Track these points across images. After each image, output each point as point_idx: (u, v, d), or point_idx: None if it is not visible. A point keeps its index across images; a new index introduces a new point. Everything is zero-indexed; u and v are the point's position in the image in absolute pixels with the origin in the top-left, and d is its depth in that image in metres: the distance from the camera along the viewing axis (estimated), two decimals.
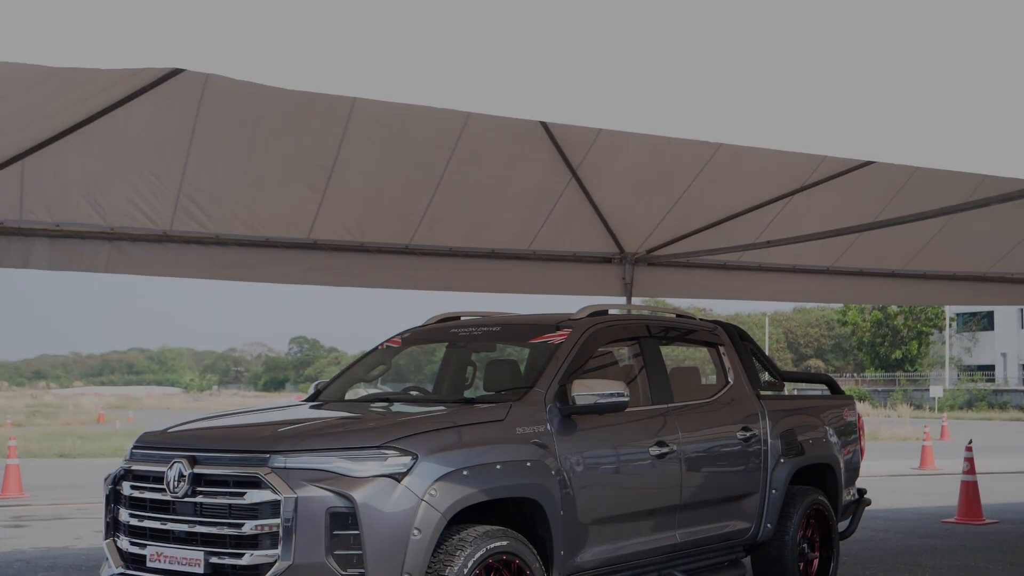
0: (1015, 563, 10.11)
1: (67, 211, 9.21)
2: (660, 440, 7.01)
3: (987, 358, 72.20)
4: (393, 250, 10.76)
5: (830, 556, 8.37)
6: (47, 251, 9.39)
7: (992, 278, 13.93)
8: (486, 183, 10.30)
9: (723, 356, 8.14)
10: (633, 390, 7.08)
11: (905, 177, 11.07)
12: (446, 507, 5.56)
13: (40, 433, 32.73)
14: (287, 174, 9.53)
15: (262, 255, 10.23)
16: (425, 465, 5.57)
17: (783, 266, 12.82)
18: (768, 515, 7.86)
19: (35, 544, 11.58)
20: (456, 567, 5.51)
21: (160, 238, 9.72)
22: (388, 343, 7.90)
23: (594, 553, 6.46)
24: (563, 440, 6.33)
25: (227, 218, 9.76)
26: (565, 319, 7.23)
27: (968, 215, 11.55)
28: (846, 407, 9.00)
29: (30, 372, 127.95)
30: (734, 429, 7.74)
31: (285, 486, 5.36)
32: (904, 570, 9.71)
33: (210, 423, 6.51)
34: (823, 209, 11.58)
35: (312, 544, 5.31)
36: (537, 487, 6.05)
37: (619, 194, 10.99)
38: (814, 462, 8.36)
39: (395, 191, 10.07)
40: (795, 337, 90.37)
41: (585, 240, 11.55)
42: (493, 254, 11.31)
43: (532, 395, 6.42)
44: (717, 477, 7.53)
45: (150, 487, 5.86)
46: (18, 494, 16.49)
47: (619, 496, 6.69)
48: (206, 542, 5.56)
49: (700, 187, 10.86)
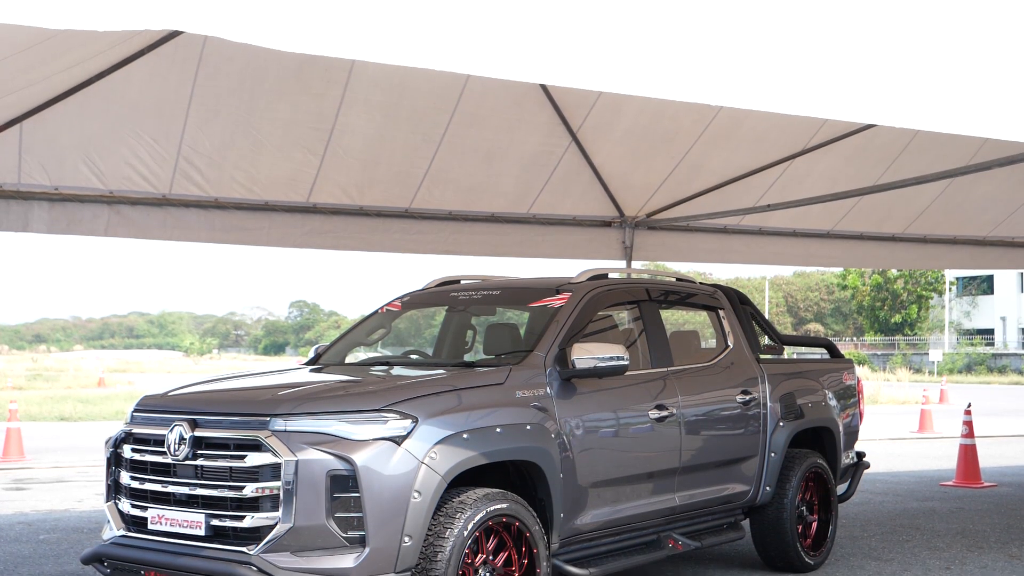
0: (1013, 526, 10.16)
1: (65, 175, 9.19)
2: (659, 404, 7.03)
3: (987, 322, 72.28)
4: (392, 214, 10.75)
5: (828, 519, 8.41)
6: (46, 215, 9.38)
7: (992, 242, 13.93)
8: (485, 146, 10.27)
9: (723, 320, 8.15)
10: (633, 354, 7.10)
11: (906, 140, 11.04)
12: (446, 470, 5.57)
13: (41, 397, 32.81)
14: (286, 137, 9.51)
15: (261, 219, 10.22)
16: (425, 428, 5.58)
17: (783, 230, 12.81)
18: (767, 478, 7.89)
19: (36, 507, 11.63)
20: (456, 529, 5.53)
21: (159, 202, 9.71)
22: (388, 307, 7.90)
23: (593, 516, 6.50)
24: (563, 403, 6.34)
25: (226, 182, 9.74)
26: (565, 283, 7.23)
27: (969, 179, 11.54)
28: (845, 371, 9.02)
29: (30, 336, 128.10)
30: (733, 393, 7.75)
31: (285, 449, 5.38)
32: (902, 533, 9.76)
33: (210, 386, 6.52)
34: (823, 173, 11.56)
35: (313, 507, 5.33)
36: (537, 450, 6.07)
37: (619, 157, 10.96)
38: (813, 425, 8.38)
39: (394, 154, 10.05)
40: (795, 301, 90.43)
41: (585, 204, 11.54)
42: (493, 218, 11.30)
43: (532, 359, 6.43)
44: (716, 440, 7.55)
45: (151, 450, 5.88)
46: (19, 457, 16.54)
47: (618, 459, 6.71)
48: (207, 504, 5.59)
49: (700, 150, 10.84)
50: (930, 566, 8.29)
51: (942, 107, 5.10)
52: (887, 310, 69.63)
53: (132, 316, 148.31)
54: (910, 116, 5.06)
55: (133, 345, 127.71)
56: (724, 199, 11.65)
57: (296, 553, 5.33)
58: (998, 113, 5.17)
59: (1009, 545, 9.17)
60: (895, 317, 69.13)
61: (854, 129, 10.68)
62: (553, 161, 10.74)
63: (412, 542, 5.43)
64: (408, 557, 5.42)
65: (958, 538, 9.50)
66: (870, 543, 9.25)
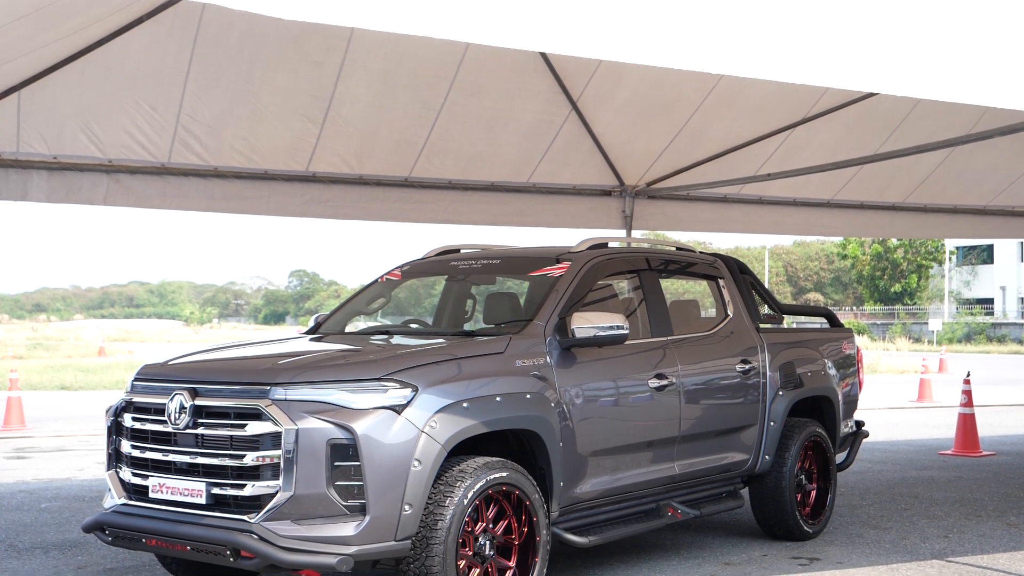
0: (1011, 494, 10.20)
1: (64, 143, 9.17)
2: (659, 373, 7.04)
3: (986, 291, 72.30)
4: (392, 183, 10.73)
5: (827, 487, 8.44)
6: (45, 183, 9.36)
7: (992, 211, 13.91)
8: (485, 115, 10.24)
9: (723, 289, 8.15)
10: (632, 323, 7.10)
11: (907, 109, 11.01)
12: (446, 439, 5.59)
13: (41, 366, 32.87)
14: (285, 106, 9.48)
15: (261, 188, 10.20)
16: (425, 397, 5.59)
17: (783, 199, 12.79)
18: (766, 447, 7.91)
19: (38, 475, 11.67)
20: (456, 498, 5.55)
21: (158, 170, 9.68)
22: (388, 276, 7.90)
23: (593, 484, 6.52)
24: (563, 372, 6.35)
25: (225, 150, 9.72)
26: (565, 252, 7.22)
27: (970, 147, 11.51)
28: (845, 340, 9.03)
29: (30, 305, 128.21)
30: (733, 362, 7.76)
31: (286, 418, 5.39)
32: (900, 501, 9.80)
33: (210, 355, 6.53)
34: (824, 142, 11.53)
35: (313, 475, 5.35)
36: (537, 419, 6.08)
37: (619, 126, 10.93)
38: (812, 394, 8.40)
39: (394, 123, 10.02)
40: (795, 270, 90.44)
41: (585, 173, 11.51)
42: (492, 187, 11.27)
43: (532, 328, 6.43)
44: (716, 409, 7.57)
45: (151, 419, 5.89)
46: (20, 426, 16.59)
47: (618, 428, 6.73)
48: (208, 473, 5.60)
49: (701, 119, 10.80)
50: (928, 534, 8.32)
51: (943, 76, 5.08)
52: (887, 279, 69.64)
53: (132, 285, 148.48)
54: (911, 85, 5.04)
55: (133, 314, 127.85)
56: (724, 168, 11.63)
57: (297, 521, 5.35)
58: (999, 82, 5.15)
59: (1007, 513, 9.21)
60: (895, 286, 69.15)
61: (855, 98, 10.65)
62: (553, 130, 10.71)
63: (412, 510, 5.44)
64: (408, 525, 5.44)
65: (956, 507, 9.54)
66: (869, 512, 9.28)
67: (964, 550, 7.78)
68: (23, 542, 8.11)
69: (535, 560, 5.96)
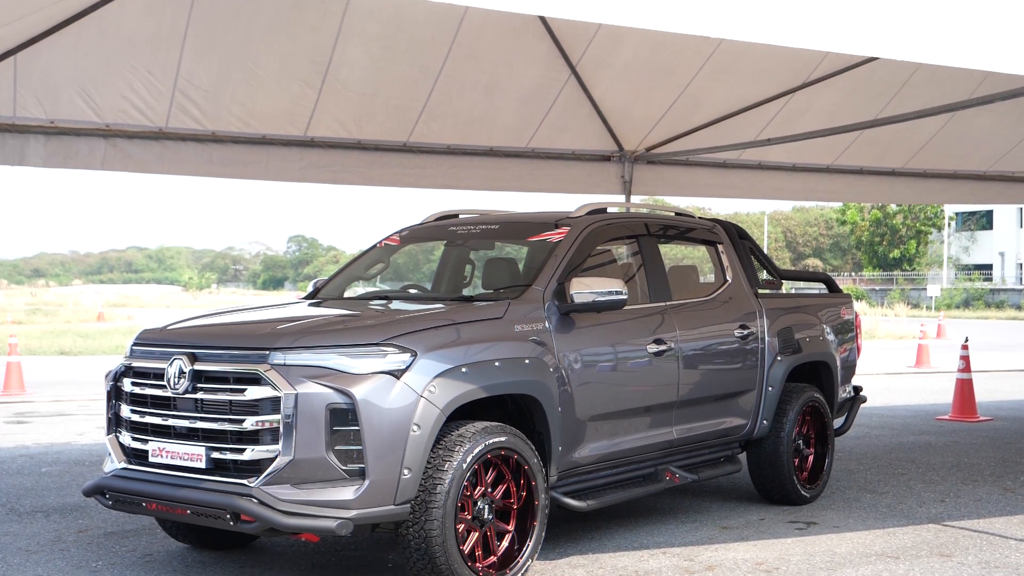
0: (1007, 459, 10.24)
1: (61, 108, 9.14)
2: (658, 338, 7.04)
3: (985, 257, 72.33)
4: (390, 148, 10.70)
5: (825, 452, 8.47)
6: (42, 148, 9.33)
7: (992, 176, 13.89)
8: (484, 79, 10.20)
9: (721, 254, 8.15)
10: (631, 288, 7.10)
11: (907, 74, 10.97)
12: (445, 403, 5.60)
13: (40, 331, 32.90)
14: (283, 70, 9.44)
15: (258, 152, 10.17)
16: (424, 362, 5.60)
17: (783, 164, 12.77)
18: (764, 412, 7.93)
19: (38, 440, 11.70)
20: (455, 462, 5.57)
21: (156, 135, 9.65)
22: (386, 241, 7.89)
23: (591, 449, 6.54)
24: (561, 338, 6.36)
25: (223, 115, 9.69)
26: (563, 217, 7.21)
27: (970, 113, 11.48)
28: (843, 305, 9.03)
29: (29, 270, 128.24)
30: (732, 327, 7.77)
31: (285, 383, 5.40)
32: (897, 466, 9.84)
33: (209, 320, 6.53)
34: (824, 107, 11.49)
35: (312, 440, 5.36)
36: (535, 384, 6.09)
37: (618, 91, 10.89)
38: (811, 360, 8.41)
39: (392, 87, 9.98)
40: (794, 236, 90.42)
41: (584, 138, 11.48)
42: (491, 152, 11.25)
43: (530, 293, 6.43)
44: (714, 374, 7.58)
45: (151, 384, 5.90)
46: (20, 391, 16.62)
47: (616, 393, 6.74)
48: (207, 437, 5.62)
49: (700, 84, 10.76)
50: (924, 499, 8.36)
51: (944, 40, 5.05)
52: (886, 245, 69.63)
53: (130, 251, 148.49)
54: (911, 49, 5.02)
55: (132, 280, 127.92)
56: (724, 133, 11.59)
57: (296, 485, 5.36)
58: (1000, 46, 5.13)
59: (1004, 478, 9.25)
60: (894, 252, 69.16)
61: (855, 63, 10.60)
62: (552, 94, 10.67)
63: (411, 474, 5.46)
64: (407, 489, 5.46)
65: (953, 471, 9.57)
66: (866, 476, 9.32)
67: (960, 514, 7.81)
68: (24, 506, 8.14)
69: (533, 524, 5.98)
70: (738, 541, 7.04)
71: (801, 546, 6.89)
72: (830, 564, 6.43)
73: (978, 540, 7.02)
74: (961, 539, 7.05)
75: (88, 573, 6.26)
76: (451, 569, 5.53)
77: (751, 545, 6.93)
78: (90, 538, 7.12)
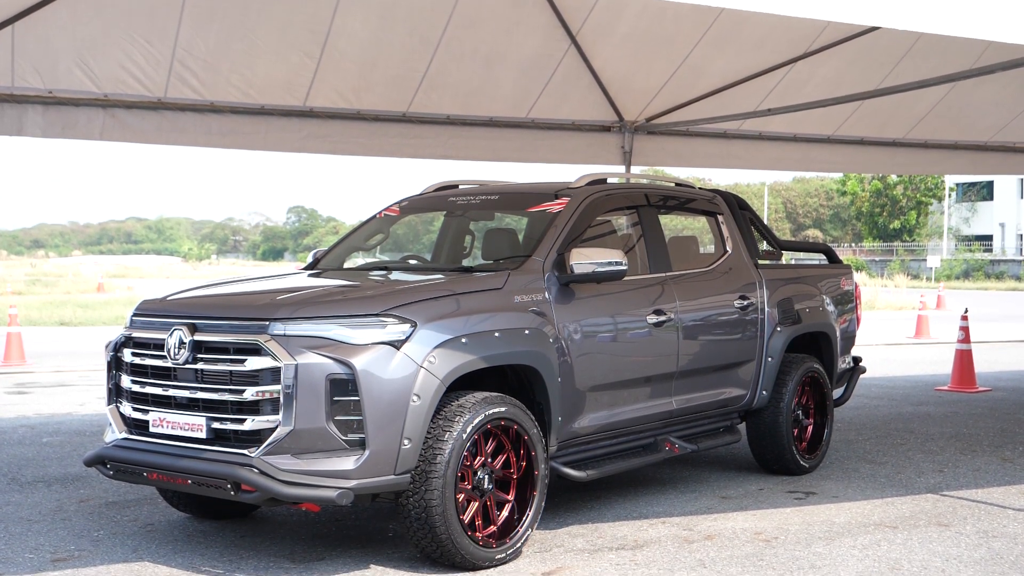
0: (1006, 430, 10.27)
1: (59, 77, 9.10)
2: (658, 308, 7.04)
3: (985, 228, 72.26)
4: (390, 118, 10.67)
5: (824, 423, 8.49)
6: (41, 118, 9.31)
7: (993, 147, 13.86)
8: (483, 49, 10.15)
9: (722, 225, 8.14)
10: (631, 259, 7.10)
11: (908, 44, 10.92)
12: (445, 374, 5.60)
13: (40, 302, 32.91)
14: (282, 40, 9.39)
15: (257, 123, 10.14)
16: (424, 333, 5.60)
17: (783, 135, 12.74)
18: (764, 382, 7.94)
19: (39, 410, 11.73)
20: (455, 432, 5.58)
21: (154, 105, 9.62)
22: (386, 212, 7.88)
23: (591, 419, 6.55)
24: (561, 308, 6.36)
25: (221, 85, 9.65)
26: (564, 188, 7.20)
27: (971, 83, 11.44)
28: (843, 276, 9.03)
29: (28, 241, 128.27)
30: (731, 298, 7.77)
31: (285, 353, 5.40)
32: (896, 436, 9.86)
33: (209, 291, 6.53)
34: (825, 77, 11.45)
35: (313, 410, 5.37)
36: (535, 355, 6.10)
37: (619, 61, 10.85)
38: (810, 330, 8.42)
39: (391, 57, 9.93)
40: (794, 207, 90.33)
41: (584, 108, 11.44)
42: (491, 122, 11.22)
43: (530, 264, 6.42)
44: (714, 345, 7.58)
45: (151, 354, 5.90)
46: (20, 361, 16.64)
47: (616, 364, 6.75)
48: (208, 408, 5.62)
49: (701, 54, 10.72)
50: (923, 469, 8.39)
51: (945, 9, 5.03)
52: (886, 216, 69.57)
53: (130, 221, 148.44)
54: (913, 18, 5.00)
55: (131, 251, 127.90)
56: (724, 104, 11.56)
57: (297, 455, 5.37)
58: (1001, 16, 5.10)
59: (1002, 448, 9.27)
60: (894, 223, 69.09)
61: (856, 32, 10.55)
62: (552, 65, 10.63)
63: (411, 445, 5.47)
64: (408, 459, 5.47)
65: (952, 441, 9.60)
66: (865, 446, 9.35)
67: (958, 484, 7.84)
68: (25, 476, 8.17)
69: (533, 494, 6.00)
70: (737, 511, 7.07)
71: (800, 516, 6.91)
72: (828, 534, 6.45)
73: (976, 510, 7.05)
74: (959, 509, 7.08)
75: (90, 542, 6.28)
76: (451, 538, 5.55)
77: (750, 515, 6.95)
78: (91, 508, 7.15)
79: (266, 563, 5.87)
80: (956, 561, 5.89)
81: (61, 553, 6.07)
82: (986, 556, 5.99)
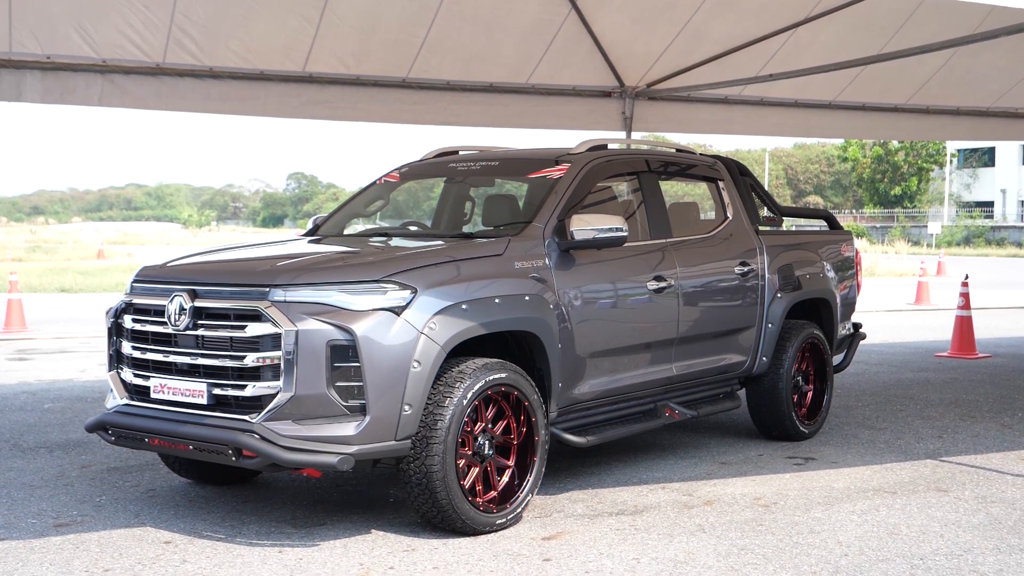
0: (1005, 396, 10.29)
1: (57, 43, 9.06)
2: (658, 275, 7.04)
3: (987, 194, 72.15)
4: (390, 83, 10.62)
5: (824, 389, 8.50)
6: (39, 84, 9.27)
7: (995, 113, 13.81)
8: (483, 14, 10.09)
9: (722, 191, 8.12)
10: (632, 225, 7.09)
11: (910, 9, 10.86)
12: (445, 340, 5.61)
13: (40, 268, 32.92)
14: (280, 5, 9.33)
15: (256, 88, 10.10)
16: (424, 299, 5.60)
17: (785, 100, 12.69)
18: (764, 349, 7.96)
19: (40, 376, 11.75)
20: (455, 398, 5.59)
21: (153, 71, 9.58)
22: (386, 178, 7.86)
23: (591, 385, 6.56)
24: (561, 275, 6.35)
25: (220, 50, 9.60)
26: (564, 154, 7.18)
27: (973, 48, 11.38)
28: (844, 243, 9.03)
29: (28, 207, 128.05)
30: (732, 264, 7.76)
31: (285, 319, 5.40)
32: (896, 402, 9.89)
33: (209, 257, 6.52)
34: (826, 42, 11.39)
35: (313, 376, 5.38)
36: (535, 321, 6.10)
37: (620, 26, 10.78)
38: (811, 297, 8.42)
39: (391, 22, 9.88)
40: (795, 173, 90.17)
41: (584, 74, 11.39)
42: (491, 88, 11.17)
43: (530, 230, 6.41)
44: (714, 311, 7.59)
45: (151, 320, 5.91)
46: (21, 328, 16.66)
47: (616, 330, 6.75)
48: (209, 374, 5.64)
49: (702, 18, 10.65)
50: (922, 435, 8.41)
51: None
52: (887, 182, 69.47)
53: (129, 188, 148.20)
54: None
55: (131, 217, 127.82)
56: (726, 69, 11.50)
57: (297, 421, 5.39)
58: None
59: (1001, 415, 9.30)
60: (895, 189, 69.02)
61: None
62: (552, 30, 10.57)
63: (412, 410, 5.49)
64: (408, 425, 5.49)
65: (951, 408, 9.62)
66: (864, 412, 9.37)
67: (957, 450, 7.86)
68: (27, 442, 8.19)
69: (533, 459, 6.02)
70: (736, 476, 7.09)
71: (799, 481, 6.94)
72: (827, 499, 6.48)
73: (975, 475, 7.07)
74: (958, 474, 7.10)
75: (92, 508, 6.31)
76: (452, 504, 5.57)
77: (749, 480, 6.98)
78: (93, 473, 7.18)
79: (267, 528, 5.90)
80: (954, 526, 5.92)
81: (63, 518, 6.10)
82: (984, 521, 6.01)
